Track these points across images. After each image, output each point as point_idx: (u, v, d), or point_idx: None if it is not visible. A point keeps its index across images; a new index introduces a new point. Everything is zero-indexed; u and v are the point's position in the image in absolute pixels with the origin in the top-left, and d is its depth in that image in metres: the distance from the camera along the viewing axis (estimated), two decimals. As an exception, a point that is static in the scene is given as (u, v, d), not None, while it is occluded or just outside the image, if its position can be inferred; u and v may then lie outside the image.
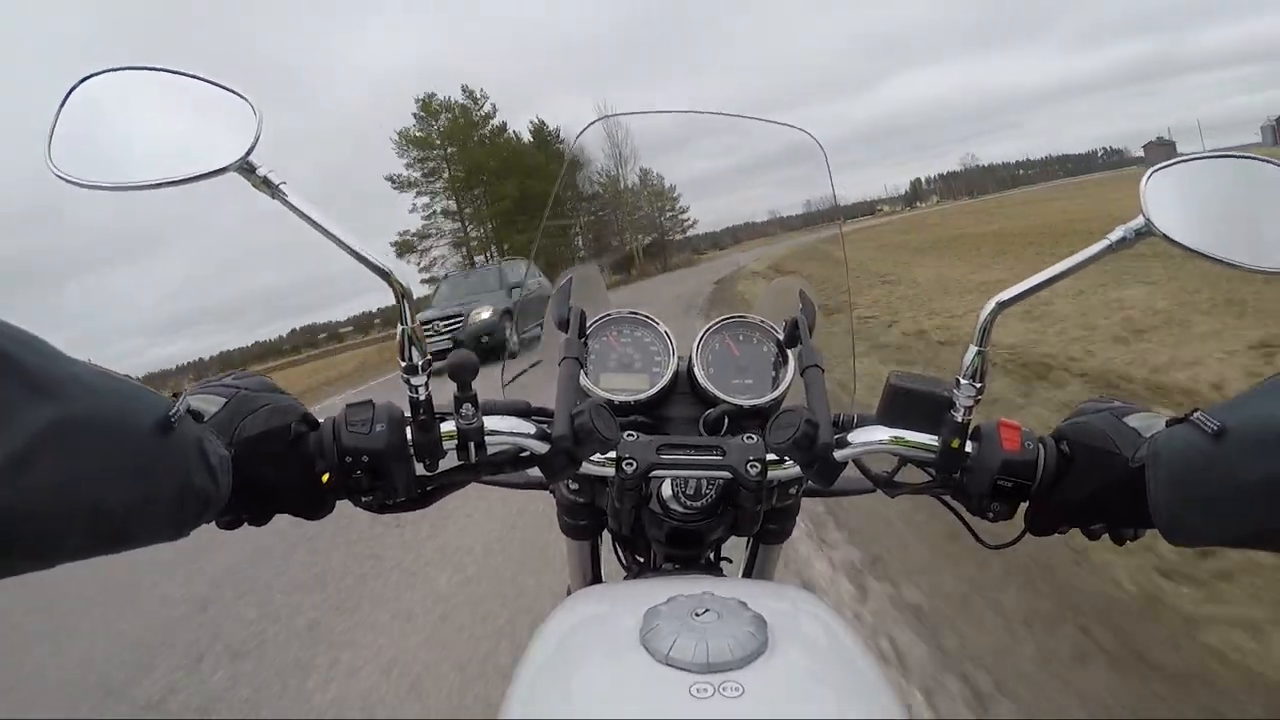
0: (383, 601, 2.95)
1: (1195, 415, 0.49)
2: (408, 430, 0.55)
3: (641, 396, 0.71)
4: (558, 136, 46.03)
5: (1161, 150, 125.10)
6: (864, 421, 0.61)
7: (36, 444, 0.36)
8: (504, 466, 0.60)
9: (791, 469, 0.63)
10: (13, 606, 3.60)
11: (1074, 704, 1.68)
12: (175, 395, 0.48)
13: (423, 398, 0.54)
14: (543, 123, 47.42)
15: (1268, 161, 0.54)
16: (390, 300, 0.52)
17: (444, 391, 0.57)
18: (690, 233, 55.37)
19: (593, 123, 0.85)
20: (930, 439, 0.59)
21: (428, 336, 0.57)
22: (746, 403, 0.70)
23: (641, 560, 0.78)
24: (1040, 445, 0.57)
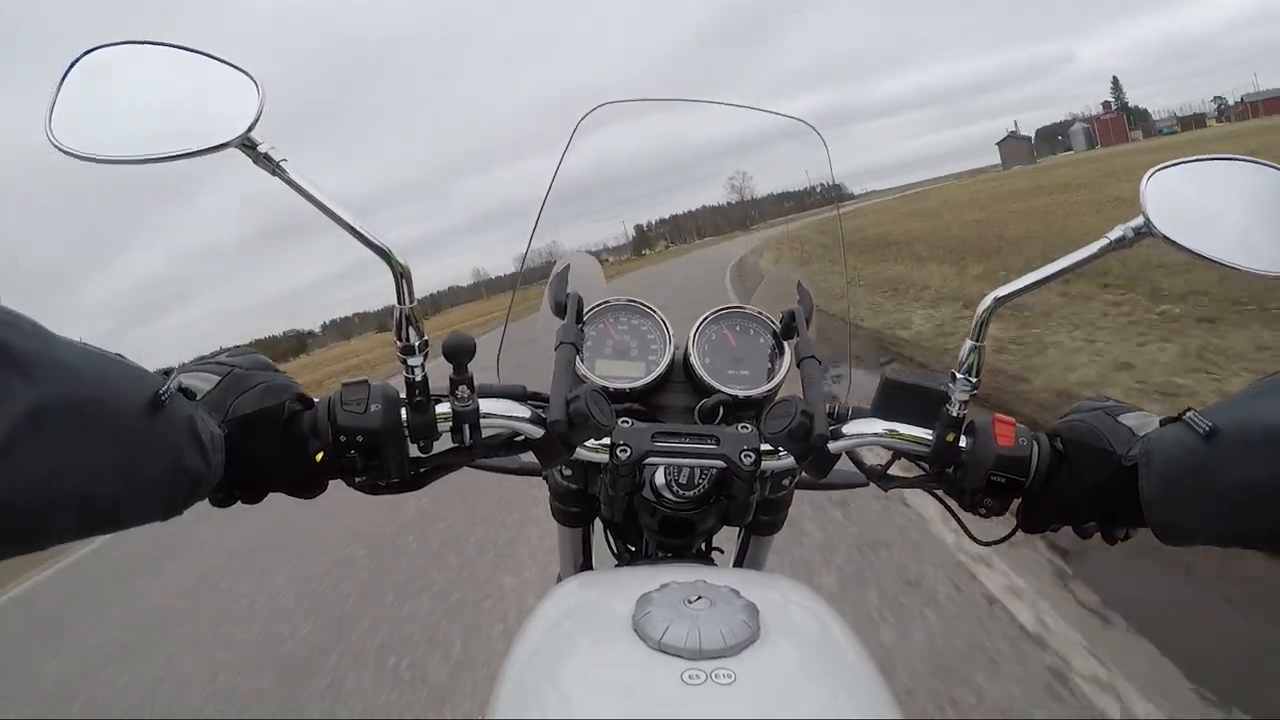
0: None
1: (1188, 415, 0.49)
2: (403, 411, 0.55)
3: (637, 384, 0.71)
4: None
5: (1016, 144, 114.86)
6: (859, 414, 0.62)
7: (22, 428, 0.36)
8: (498, 450, 0.60)
9: (785, 460, 0.63)
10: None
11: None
12: (166, 373, 0.48)
13: (419, 378, 0.54)
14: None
15: (1268, 165, 0.54)
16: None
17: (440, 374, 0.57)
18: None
19: (596, 108, 0.84)
20: (925, 433, 0.59)
21: None
22: (741, 393, 0.70)
23: (633, 549, 0.78)
24: (1034, 441, 0.57)
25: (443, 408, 0.56)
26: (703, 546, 0.77)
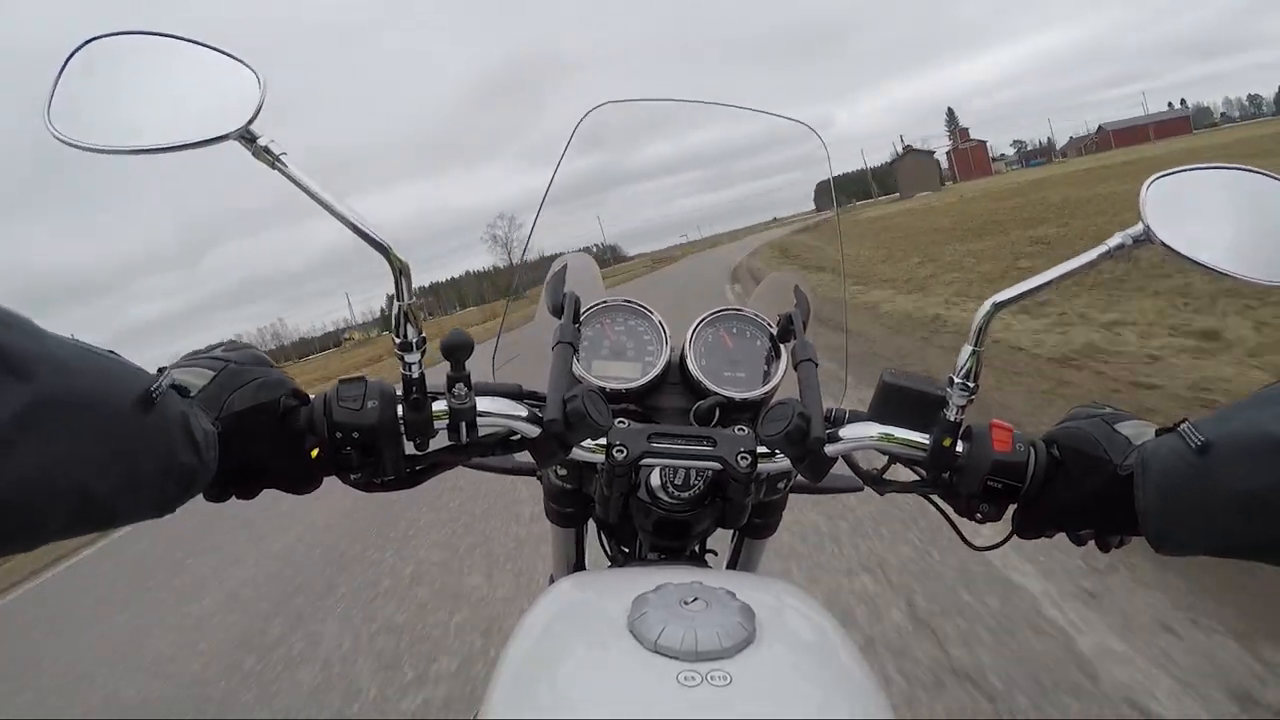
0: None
1: (1182, 427, 0.49)
2: (399, 408, 0.54)
3: (633, 385, 0.71)
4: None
5: (918, 162, 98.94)
6: (855, 418, 0.61)
7: (14, 427, 0.35)
8: (494, 448, 0.59)
9: (781, 462, 0.63)
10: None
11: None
12: (160, 370, 0.47)
13: (416, 375, 0.54)
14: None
15: (1268, 175, 0.54)
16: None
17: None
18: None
19: (597, 106, 0.84)
20: (921, 437, 0.59)
21: None
22: (738, 395, 0.70)
23: (627, 550, 0.78)
24: (1031, 448, 0.57)
25: (439, 405, 0.55)
26: (697, 548, 0.77)
